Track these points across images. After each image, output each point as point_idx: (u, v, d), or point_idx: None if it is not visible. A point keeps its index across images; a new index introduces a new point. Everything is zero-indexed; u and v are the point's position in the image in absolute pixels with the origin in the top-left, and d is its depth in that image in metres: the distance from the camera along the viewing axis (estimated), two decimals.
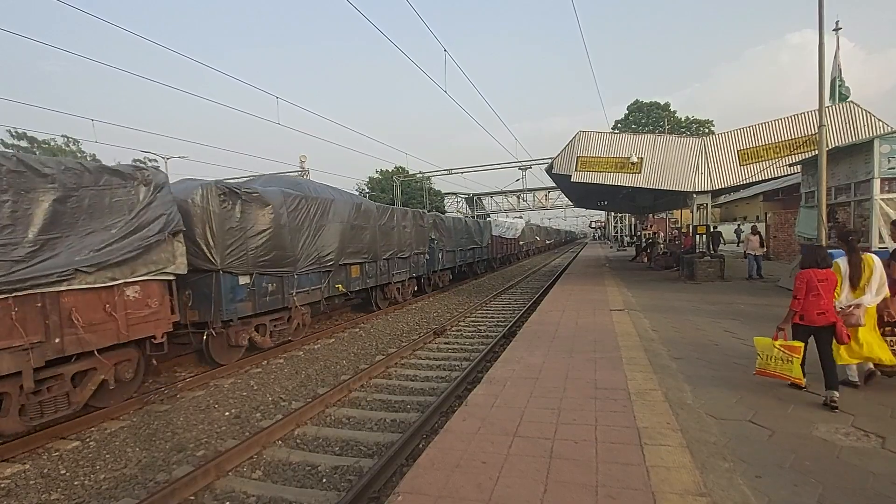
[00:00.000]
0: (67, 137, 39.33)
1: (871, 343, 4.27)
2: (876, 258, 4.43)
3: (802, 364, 4.26)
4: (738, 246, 26.70)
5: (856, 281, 4.34)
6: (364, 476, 3.84)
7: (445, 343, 9.09)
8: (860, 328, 4.23)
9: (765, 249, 15.27)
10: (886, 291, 4.35)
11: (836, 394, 4.09)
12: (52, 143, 38.95)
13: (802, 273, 4.33)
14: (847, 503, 2.72)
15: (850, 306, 4.27)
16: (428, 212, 17.10)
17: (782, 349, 4.30)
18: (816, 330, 4.25)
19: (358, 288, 11.12)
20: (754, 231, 14.65)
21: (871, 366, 4.56)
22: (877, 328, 4.39)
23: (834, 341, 4.21)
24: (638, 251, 25.05)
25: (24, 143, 37.38)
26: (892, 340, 4.47)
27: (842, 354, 4.30)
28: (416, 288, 15.07)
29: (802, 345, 4.27)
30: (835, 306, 4.26)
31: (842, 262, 4.42)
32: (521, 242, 33.13)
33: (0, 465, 4.48)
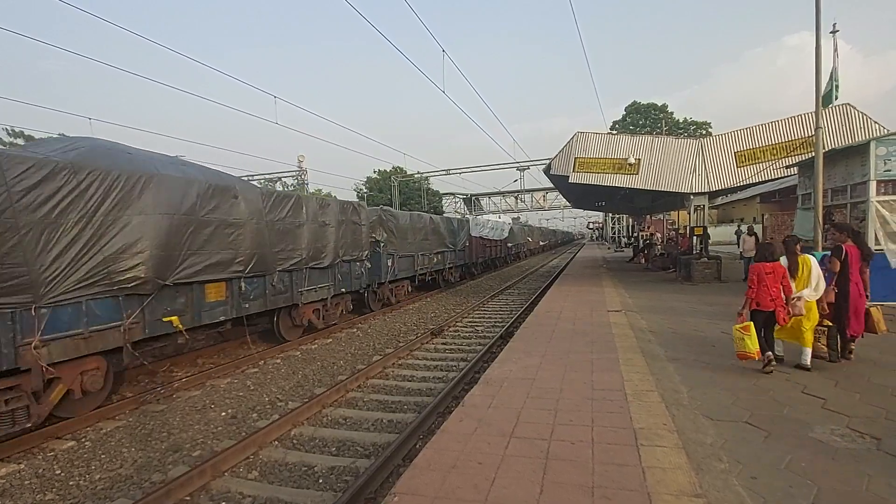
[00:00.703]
0: (65, 136, 39.20)
1: (796, 329, 5.26)
2: (813, 258, 5.36)
3: (762, 343, 5.12)
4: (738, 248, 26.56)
5: (793, 275, 5.23)
6: (360, 476, 3.83)
7: (443, 343, 9.09)
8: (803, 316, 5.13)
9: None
10: (823, 286, 5.22)
11: (772, 355, 5.19)
12: None
13: (753, 266, 5.24)
14: None
15: (793, 297, 5.13)
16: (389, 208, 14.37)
17: (740, 329, 5.04)
18: (770, 314, 5.14)
19: (223, 318, 7.30)
20: (750, 232, 14.39)
21: (808, 357, 5.27)
22: (815, 319, 5.24)
23: (801, 324, 5.20)
24: (635, 252, 25.11)
25: (20, 142, 37.26)
26: (820, 330, 5.40)
27: (798, 336, 5.28)
28: (350, 307, 11.29)
29: (751, 323, 5.07)
30: (799, 294, 5.14)
31: (783, 260, 5.29)
32: (508, 244, 29.55)
33: None
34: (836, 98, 11.64)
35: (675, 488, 2.87)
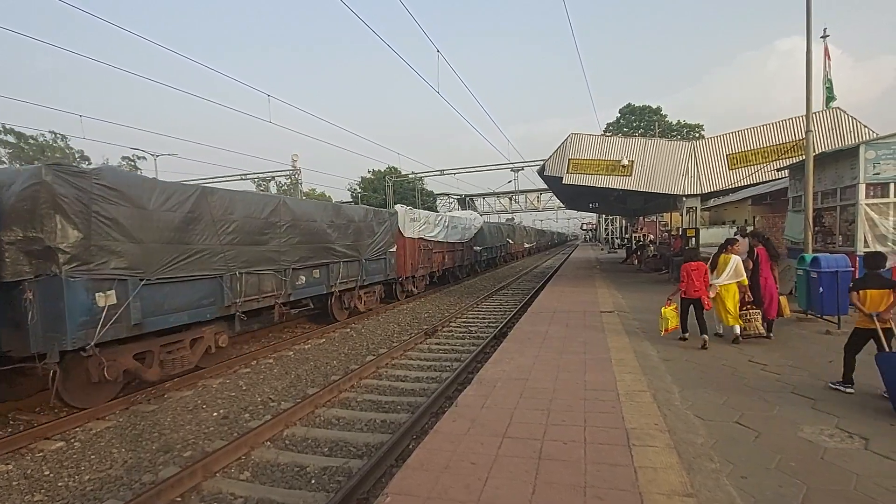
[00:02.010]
0: (55, 133, 38.75)
1: (720, 310, 6.82)
2: (734, 257, 6.76)
3: (683, 323, 6.85)
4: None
5: (713, 267, 6.86)
6: (353, 477, 3.82)
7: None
8: (723, 301, 6.71)
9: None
10: (742, 278, 6.64)
11: (706, 337, 6.53)
12: (41, 140, 38.35)
13: (683, 265, 6.85)
14: (831, 503, 2.77)
15: (711, 285, 6.72)
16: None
17: (671, 311, 6.67)
18: (694, 300, 6.68)
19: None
20: (745, 234, 12.80)
21: (738, 330, 6.69)
22: (736, 303, 6.67)
23: (722, 307, 6.77)
24: (628, 253, 25.25)
25: (10, 139, 36.77)
26: (746, 314, 6.75)
27: (718, 314, 6.97)
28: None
29: (675, 305, 6.77)
30: (712, 283, 6.71)
31: (711, 259, 7.01)
32: (476, 248, 22.58)
33: None
34: (835, 99, 11.82)
35: (667, 488, 2.89)
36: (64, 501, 3.85)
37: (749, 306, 6.78)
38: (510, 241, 31.89)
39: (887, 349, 4.34)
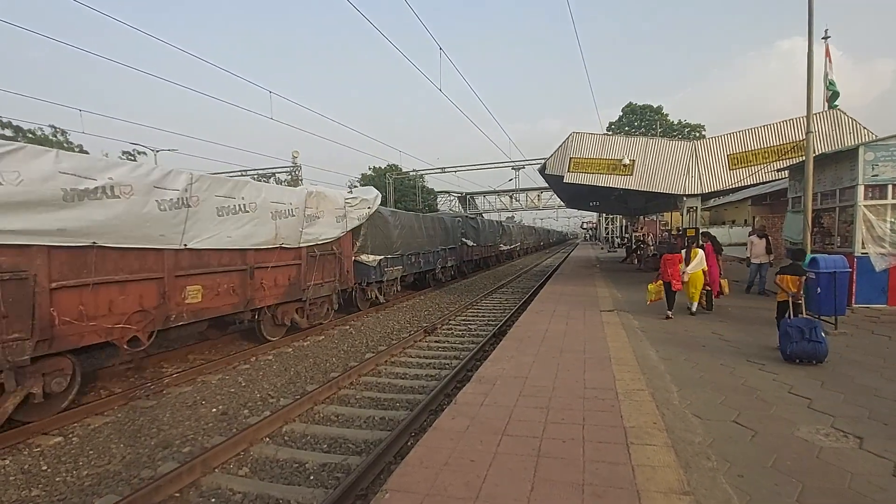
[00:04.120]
0: (55, 128, 38.62)
1: (690, 291, 8.85)
2: (701, 251, 8.82)
3: (669, 300, 8.71)
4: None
5: (686, 259, 8.70)
6: (352, 473, 3.83)
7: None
8: (691, 283, 8.75)
9: (772, 256, 11.53)
10: (703, 266, 8.70)
11: (670, 312, 8.66)
12: (39, 133, 38.22)
13: (663, 257, 9.00)
14: (825, 502, 2.78)
15: (683, 272, 8.62)
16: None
17: (657, 287, 8.75)
18: (667, 283, 8.61)
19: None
20: (761, 233, 11.60)
21: (695, 307, 8.98)
22: (700, 286, 8.80)
23: (693, 289, 8.84)
24: (628, 253, 25.25)
25: (9, 133, 36.65)
26: (703, 294, 9.08)
27: (687, 295, 9.00)
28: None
29: (660, 283, 8.74)
30: (681, 270, 8.62)
31: (684, 253, 8.82)
32: (381, 268, 13.06)
33: None
34: (839, 95, 11.81)
35: (664, 486, 2.90)
36: (62, 497, 3.85)
37: (705, 286, 9.10)
38: (468, 242, 21.75)
39: (793, 316, 5.97)
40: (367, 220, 11.65)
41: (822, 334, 5.58)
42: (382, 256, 12.64)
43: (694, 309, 9.00)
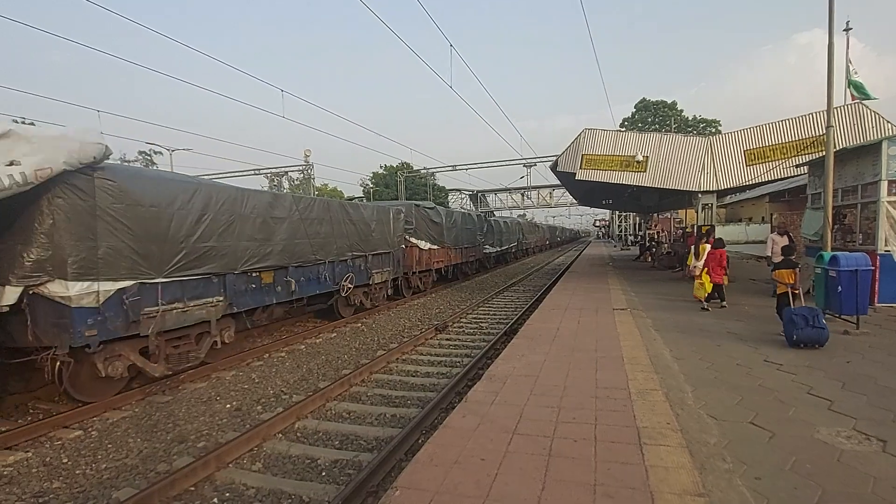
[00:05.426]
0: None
1: (699, 288, 9.53)
2: (709, 246, 9.64)
3: (720, 294, 9.48)
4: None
5: (696, 254, 9.82)
6: (363, 470, 3.85)
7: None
8: (701, 279, 9.41)
9: (795, 256, 9.92)
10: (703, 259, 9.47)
11: (707, 304, 9.24)
12: None
13: (708, 253, 9.51)
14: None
15: (694, 267, 9.78)
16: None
17: (704, 281, 9.42)
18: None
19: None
20: (781, 231, 10.97)
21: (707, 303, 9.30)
22: (707, 283, 9.31)
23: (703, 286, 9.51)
24: (642, 250, 24.95)
25: None
26: (699, 283, 9.50)
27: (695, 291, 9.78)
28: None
29: (707, 278, 9.35)
30: (692, 265, 9.92)
31: (693, 248, 9.95)
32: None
33: (2, 452, 4.52)
34: (862, 87, 11.42)
35: (679, 487, 2.85)
36: (81, 489, 3.94)
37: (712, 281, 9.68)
38: (429, 245, 16.72)
39: (792, 306, 6.48)
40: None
41: (824, 321, 6.09)
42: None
43: (706, 305, 9.25)
